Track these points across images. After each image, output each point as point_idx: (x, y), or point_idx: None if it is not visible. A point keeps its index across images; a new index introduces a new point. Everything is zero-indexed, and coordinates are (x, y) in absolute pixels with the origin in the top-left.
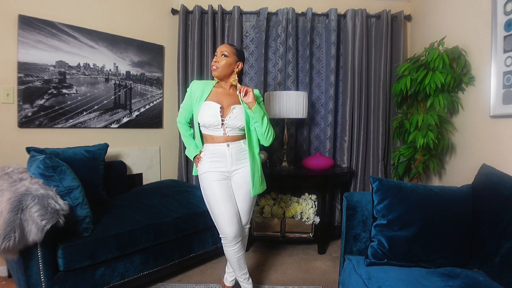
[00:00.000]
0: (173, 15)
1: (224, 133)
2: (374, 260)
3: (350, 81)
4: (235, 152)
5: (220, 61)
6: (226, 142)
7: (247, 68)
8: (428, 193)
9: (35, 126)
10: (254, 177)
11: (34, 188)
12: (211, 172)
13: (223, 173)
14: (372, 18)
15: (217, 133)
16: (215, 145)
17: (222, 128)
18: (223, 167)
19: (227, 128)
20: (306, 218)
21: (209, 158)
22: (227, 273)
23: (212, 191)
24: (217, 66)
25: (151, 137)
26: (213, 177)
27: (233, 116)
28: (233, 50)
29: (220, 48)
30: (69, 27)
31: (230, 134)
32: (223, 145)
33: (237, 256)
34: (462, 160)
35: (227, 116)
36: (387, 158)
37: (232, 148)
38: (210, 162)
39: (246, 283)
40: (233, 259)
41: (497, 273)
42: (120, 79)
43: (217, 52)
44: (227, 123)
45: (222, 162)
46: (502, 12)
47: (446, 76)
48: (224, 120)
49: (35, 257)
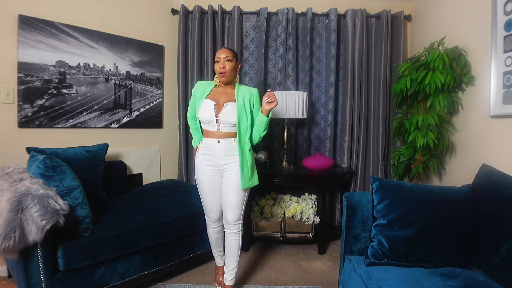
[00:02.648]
0: (173, 15)
1: (218, 128)
2: (374, 260)
3: (350, 81)
4: (225, 149)
5: (226, 66)
6: (218, 138)
7: (247, 68)
8: (428, 193)
9: (35, 126)
10: (243, 171)
11: (34, 188)
12: (202, 164)
13: (212, 166)
14: (372, 18)
15: (212, 128)
16: (208, 140)
17: (216, 124)
18: (213, 161)
19: (221, 124)
20: (306, 218)
21: (202, 151)
22: (226, 272)
23: (200, 181)
24: (225, 71)
25: (151, 137)
26: (203, 168)
27: (226, 113)
28: (232, 53)
29: (221, 53)
30: (69, 27)
31: (223, 130)
32: (214, 141)
33: (217, 236)
34: (462, 160)
35: (220, 113)
36: (387, 158)
37: (222, 144)
38: (203, 154)
39: (220, 259)
40: (213, 237)
41: (497, 273)
42: (120, 79)
43: (219, 58)
44: (220, 119)
45: (213, 156)
46: (502, 12)
47: (446, 76)
48: (218, 116)
49: (35, 257)
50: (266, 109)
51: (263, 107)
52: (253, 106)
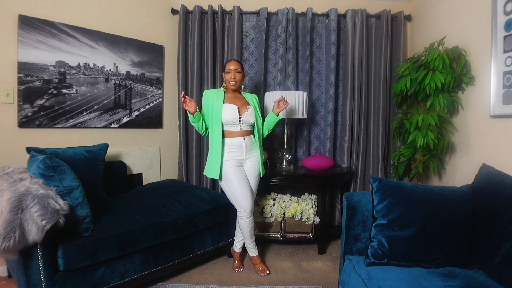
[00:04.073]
0: (173, 15)
1: (241, 128)
2: (374, 260)
3: (350, 81)
4: (249, 144)
5: (236, 77)
6: (242, 136)
7: (247, 68)
8: (428, 193)
9: (35, 126)
10: (260, 161)
11: (34, 188)
12: (229, 160)
13: (238, 161)
14: (372, 18)
15: (235, 129)
16: (233, 139)
17: (239, 124)
18: (239, 156)
19: (243, 124)
20: (306, 218)
21: (227, 149)
22: (236, 241)
23: (230, 177)
24: (236, 81)
25: (151, 137)
26: (230, 164)
27: (248, 114)
28: (241, 65)
29: (232, 65)
30: (69, 27)
31: (244, 129)
32: (240, 139)
33: (250, 226)
34: (462, 160)
35: (244, 114)
36: (387, 158)
37: (247, 141)
38: (228, 152)
39: (254, 249)
40: (246, 229)
41: (497, 273)
42: (120, 79)
43: (230, 70)
44: (243, 119)
45: (239, 152)
46: (502, 12)
47: (446, 76)
48: (241, 117)
49: (35, 257)
50: (279, 110)
51: (274, 109)
52: (258, 108)
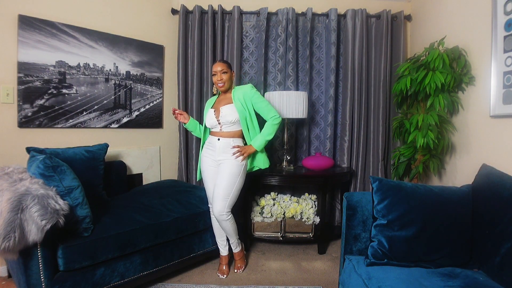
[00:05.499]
0: (173, 15)
1: (220, 129)
2: (374, 260)
3: (350, 81)
4: (223, 146)
5: (223, 78)
6: (219, 136)
7: (247, 68)
8: (428, 193)
9: (35, 126)
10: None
11: (34, 188)
12: (204, 156)
13: (213, 160)
14: (372, 18)
15: (216, 130)
16: (211, 137)
17: (219, 126)
18: (212, 155)
19: (223, 125)
20: (306, 218)
21: (206, 146)
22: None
23: (203, 172)
24: (223, 83)
25: (151, 137)
26: (204, 160)
27: (223, 115)
28: (227, 65)
29: (217, 67)
30: (69, 27)
31: (225, 130)
32: (215, 138)
33: (217, 225)
34: (462, 160)
35: (220, 116)
36: (387, 158)
37: (222, 142)
38: (206, 148)
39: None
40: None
41: (497, 273)
42: (120, 79)
43: (216, 72)
44: (221, 120)
45: (213, 151)
46: (502, 12)
47: (446, 76)
48: (219, 119)
49: (35, 257)
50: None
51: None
52: (252, 98)
